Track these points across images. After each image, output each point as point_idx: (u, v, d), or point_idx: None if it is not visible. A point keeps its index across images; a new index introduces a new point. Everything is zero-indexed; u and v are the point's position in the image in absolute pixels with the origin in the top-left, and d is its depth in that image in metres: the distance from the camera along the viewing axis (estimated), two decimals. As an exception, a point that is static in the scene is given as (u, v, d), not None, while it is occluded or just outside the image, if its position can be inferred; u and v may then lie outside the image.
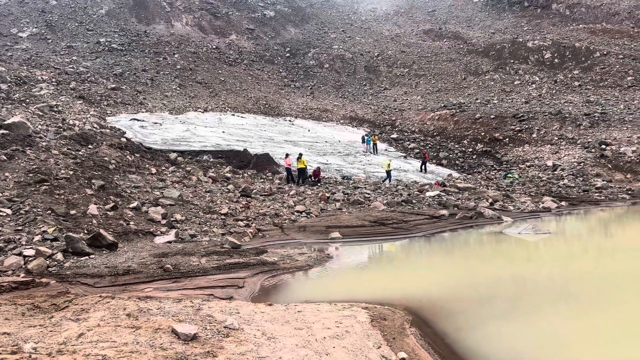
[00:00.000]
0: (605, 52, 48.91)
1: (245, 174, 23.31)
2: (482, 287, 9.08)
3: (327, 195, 19.56)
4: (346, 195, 19.96)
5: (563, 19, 62.36)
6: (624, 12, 58.56)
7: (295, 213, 16.48)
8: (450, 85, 51.97)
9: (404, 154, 35.44)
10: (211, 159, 24.66)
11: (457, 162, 34.36)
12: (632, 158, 27.86)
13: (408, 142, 38.35)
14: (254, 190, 19.18)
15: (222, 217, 14.69)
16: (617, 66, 46.53)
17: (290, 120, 40.32)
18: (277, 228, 14.46)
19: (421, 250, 13.82)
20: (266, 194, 19.11)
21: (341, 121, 43.63)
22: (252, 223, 14.49)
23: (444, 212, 17.42)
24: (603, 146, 30.34)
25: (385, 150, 35.89)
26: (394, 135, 40.07)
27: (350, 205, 18.49)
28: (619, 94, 41.85)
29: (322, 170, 25.29)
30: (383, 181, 25.34)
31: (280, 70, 54.55)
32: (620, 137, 32.06)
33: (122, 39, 47.99)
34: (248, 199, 17.57)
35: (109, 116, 29.93)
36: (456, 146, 37.23)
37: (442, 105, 45.46)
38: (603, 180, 25.48)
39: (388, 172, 25.86)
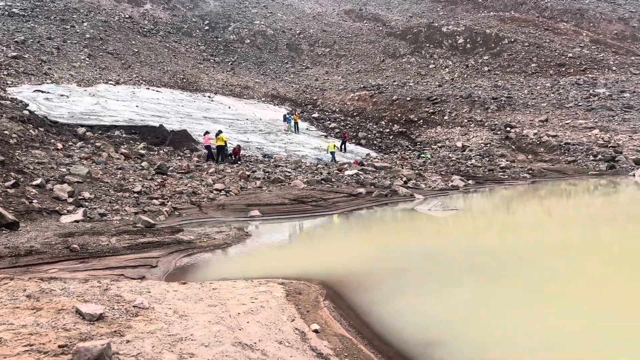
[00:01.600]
0: (512, 40, 52.01)
1: (161, 151, 22.50)
2: (395, 261, 9.44)
3: (248, 173, 19.39)
4: (267, 174, 19.90)
5: (476, 5, 65.43)
6: (531, 2, 62.53)
7: (214, 191, 16.20)
8: (369, 66, 53.01)
9: (325, 134, 35.83)
10: (124, 135, 23.52)
11: (375, 142, 35.31)
12: (533, 140, 30.10)
13: (329, 122, 38.79)
14: (171, 168, 18.59)
15: (135, 195, 14.12)
16: (523, 53, 49.71)
17: (209, 97, 39.27)
18: (194, 206, 14.15)
19: (339, 227, 14.15)
20: (183, 171, 18.60)
21: (263, 99, 43.18)
22: (167, 201, 14.07)
23: (362, 190, 17.91)
24: (508, 129, 32.46)
25: (307, 129, 36.09)
26: (315, 115, 40.35)
27: (271, 183, 18.48)
28: (523, 79, 44.81)
29: (243, 148, 24.98)
30: (330, 161, 26.36)
31: (199, 44, 52.80)
32: (524, 121, 34.45)
33: (25, 3, 44.01)
34: (164, 176, 17.01)
35: (9, 87, 27.51)
36: (374, 127, 38.20)
37: (362, 86, 46.34)
38: (507, 161, 27.32)
39: (332, 153, 27.13)
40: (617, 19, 57.09)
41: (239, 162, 22.62)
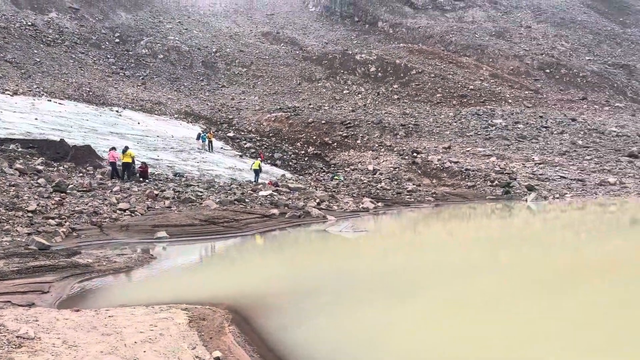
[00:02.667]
0: (420, 70, 55.06)
1: (61, 167, 21.05)
2: (306, 283, 9.45)
3: (156, 192, 18.64)
4: (177, 193, 19.26)
5: (387, 36, 68.70)
6: (437, 36, 66.74)
7: (118, 211, 15.38)
8: (286, 88, 53.60)
9: (240, 153, 35.51)
10: (20, 149, 21.77)
11: (290, 163, 35.54)
12: (437, 165, 31.83)
13: (244, 142, 38.52)
14: (71, 186, 17.42)
15: (30, 214, 13.05)
16: (429, 84, 52.74)
17: (117, 111, 37.56)
18: (95, 227, 13.33)
19: (250, 249, 13.98)
20: (85, 189, 17.50)
21: (175, 116, 42.05)
22: (65, 222, 13.13)
23: (275, 211, 17.87)
24: (415, 154, 34.10)
25: (222, 148, 35.57)
26: (231, 134, 39.92)
27: (181, 203, 17.90)
28: (429, 108, 47.45)
29: (152, 166, 24.06)
30: (254, 181, 26.02)
31: (108, 56, 50.57)
32: (429, 147, 36.37)
33: None
34: (62, 194, 15.89)
35: None
36: (290, 148, 38.49)
37: (278, 107, 46.67)
38: (414, 184, 28.61)
39: (256, 171, 26.75)
40: (513, 56, 62.48)
41: (147, 181, 21.73)
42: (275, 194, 22.20)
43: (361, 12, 72.88)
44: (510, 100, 50.01)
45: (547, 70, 59.78)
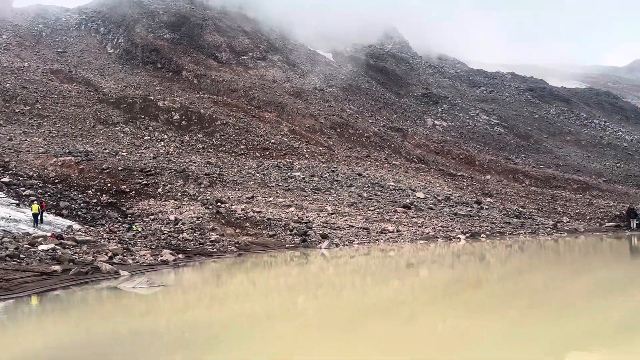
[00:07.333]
0: (225, 122, 56.06)
1: None
2: (92, 346, 8.63)
3: None
4: None
5: (191, 86, 68.72)
6: (241, 91, 69.10)
7: None
8: (77, 131, 49.19)
9: (17, 202, 30.92)
10: None
11: (79, 212, 32.21)
12: (241, 215, 32.25)
13: (23, 188, 33.74)
14: None
15: None
16: (234, 135, 53.92)
17: None
18: None
19: (25, 314, 12.12)
20: None
21: None
22: None
23: (57, 267, 15.92)
24: (219, 204, 34.08)
25: (-8, 195, 30.54)
26: (6, 179, 34.63)
27: None
28: (234, 159, 48.29)
29: None
30: (35, 226, 24.84)
31: None
32: (233, 197, 36.77)
33: None
34: None
35: None
36: (80, 196, 34.97)
37: (68, 151, 42.35)
38: (217, 234, 28.39)
39: (35, 215, 25.62)
40: (309, 115, 67.81)
41: None
42: (59, 247, 19.82)
43: (164, 60, 71.75)
44: (307, 155, 53.84)
45: (338, 130, 66.26)
